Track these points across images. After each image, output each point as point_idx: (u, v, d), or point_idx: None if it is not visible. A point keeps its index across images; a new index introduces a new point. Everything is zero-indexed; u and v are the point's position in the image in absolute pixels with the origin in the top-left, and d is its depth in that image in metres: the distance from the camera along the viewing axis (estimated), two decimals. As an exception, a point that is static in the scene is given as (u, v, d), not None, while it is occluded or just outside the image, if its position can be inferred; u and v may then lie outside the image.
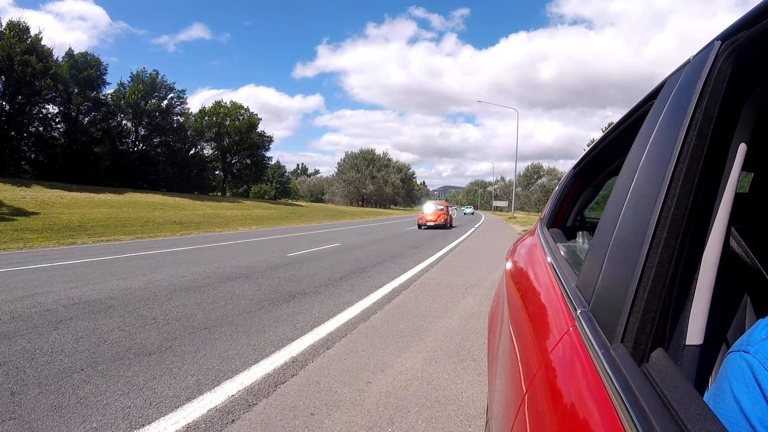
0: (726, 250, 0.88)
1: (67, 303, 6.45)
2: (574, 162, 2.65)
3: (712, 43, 0.82)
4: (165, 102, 59.23)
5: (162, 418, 3.19)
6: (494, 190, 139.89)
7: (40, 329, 5.17)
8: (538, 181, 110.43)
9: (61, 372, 3.97)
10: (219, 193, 71.15)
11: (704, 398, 0.62)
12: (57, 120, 49.06)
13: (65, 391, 3.59)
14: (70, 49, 50.50)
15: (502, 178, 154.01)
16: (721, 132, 0.81)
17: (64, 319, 5.63)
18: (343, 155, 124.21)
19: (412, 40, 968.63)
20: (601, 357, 0.73)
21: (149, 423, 3.11)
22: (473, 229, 30.56)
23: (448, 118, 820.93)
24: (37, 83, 42.37)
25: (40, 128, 47.74)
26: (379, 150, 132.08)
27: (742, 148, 0.83)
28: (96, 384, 3.73)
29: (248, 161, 72.78)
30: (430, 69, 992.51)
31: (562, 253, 1.75)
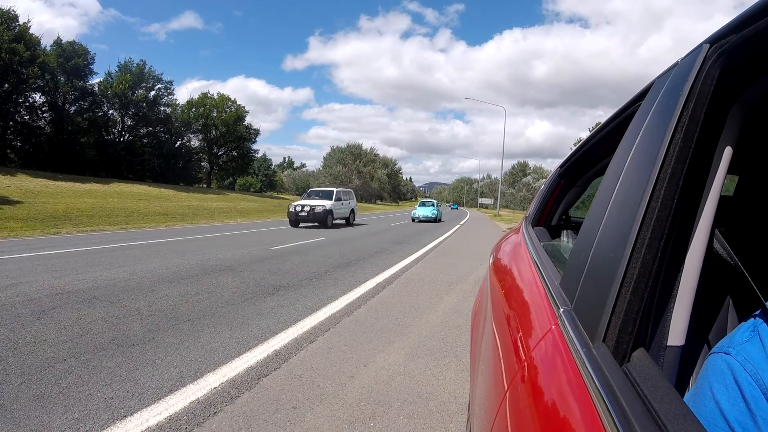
0: (710, 252, 0.89)
1: (50, 293, 6.38)
2: (561, 161, 2.65)
3: (700, 45, 0.83)
4: (152, 93, 58.43)
5: (144, 409, 3.17)
6: (480, 187, 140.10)
7: (24, 319, 5.11)
8: (524, 179, 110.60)
9: (44, 362, 3.93)
10: (205, 185, 70.50)
11: (684, 399, 0.63)
12: (43, 109, 48.40)
13: (48, 381, 3.56)
14: (58, 37, 49.74)
15: (489, 176, 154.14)
16: (708, 134, 0.81)
17: (47, 308, 5.57)
18: (329, 149, 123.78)
19: (406, 35, 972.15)
20: (583, 356, 0.73)
21: (131, 414, 3.09)
22: (458, 226, 30.62)
23: (438, 114, 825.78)
24: (24, 71, 41.63)
25: (27, 117, 47.07)
26: (367, 145, 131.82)
27: (728, 151, 0.83)
28: (79, 374, 3.70)
29: (234, 153, 72.13)
30: (422, 64, 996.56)
31: (547, 251, 1.75)
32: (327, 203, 22.64)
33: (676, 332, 0.80)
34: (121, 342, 4.49)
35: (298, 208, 22.10)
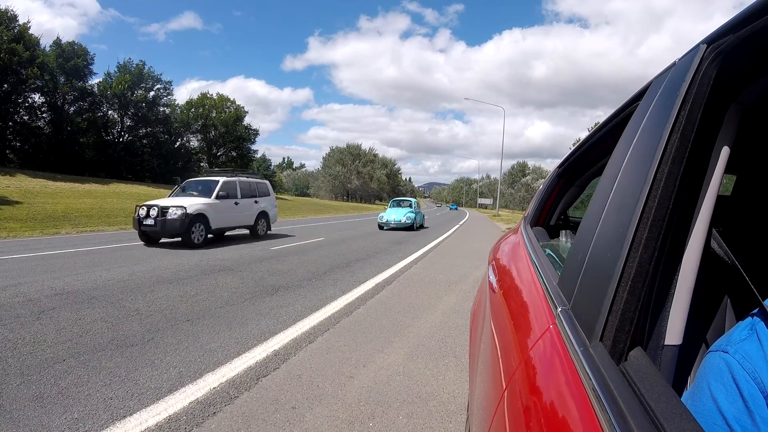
0: (707, 252, 0.89)
1: (50, 293, 6.38)
2: (560, 161, 2.66)
3: (698, 46, 0.83)
4: (151, 93, 58.43)
5: (143, 409, 3.17)
6: (479, 187, 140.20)
7: (23, 319, 5.11)
8: (523, 179, 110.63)
9: (43, 362, 3.93)
10: (204, 185, 70.54)
11: (682, 398, 0.63)
12: (43, 109, 48.49)
13: (47, 381, 3.56)
14: (57, 37, 49.83)
15: (488, 176, 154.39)
16: (705, 135, 0.81)
17: (46, 309, 5.57)
18: (329, 150, 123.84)
19: (405, 35, 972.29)
20: (580, 355, 0.74)
21: (130, 414, 3.10)
22: (457, 226, 30.60)
23: (438, 114, 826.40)
24: (23, 72, 41.76)
25: (26, 117, 47.17)
26: (366, 145, 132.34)
27: (725, 151, 0.83)
28: (78, 375, 3.71)
29: (234, 154, 72.17)
30: (421, 64, 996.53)
31: (545, 251, 1.75)
32: (196, 203, 13.22)
33: (674, 332, 0.81)
34: (121, 342, 4.49)
35: (142, 213, 12.86)
